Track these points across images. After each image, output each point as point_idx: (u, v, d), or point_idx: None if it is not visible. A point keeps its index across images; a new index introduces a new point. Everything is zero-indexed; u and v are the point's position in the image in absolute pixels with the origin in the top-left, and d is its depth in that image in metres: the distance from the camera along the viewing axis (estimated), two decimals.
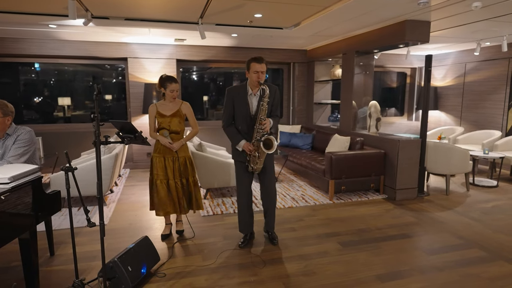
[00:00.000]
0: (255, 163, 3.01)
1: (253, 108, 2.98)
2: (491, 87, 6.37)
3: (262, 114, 2.88)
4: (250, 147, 2.97)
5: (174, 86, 3.15)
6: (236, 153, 3.11)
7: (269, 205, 3.22)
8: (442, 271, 2.78)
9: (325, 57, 6.37)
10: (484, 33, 5.14)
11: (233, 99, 3.00)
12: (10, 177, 2.12)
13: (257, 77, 2.86)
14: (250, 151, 2.97)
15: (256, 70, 2.85)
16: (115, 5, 3.74)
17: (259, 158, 2.98)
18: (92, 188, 4.08)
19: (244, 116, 2.99)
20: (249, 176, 3.14)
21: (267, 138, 2.90)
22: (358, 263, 2.90)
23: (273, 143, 2.88)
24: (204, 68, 7.15)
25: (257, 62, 2.85)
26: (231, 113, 3.05)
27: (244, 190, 3.16)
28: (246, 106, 2.97)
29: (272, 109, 3.06)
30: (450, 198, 4.69)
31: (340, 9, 3.76)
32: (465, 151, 4.80)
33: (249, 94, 2.98)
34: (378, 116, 5.22)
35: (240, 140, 3.01)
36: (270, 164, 3.13)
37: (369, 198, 4.65)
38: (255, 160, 3.00)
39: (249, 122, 2.98)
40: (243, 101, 2.97)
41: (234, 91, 3.01)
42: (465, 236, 3.46)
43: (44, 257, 2.96)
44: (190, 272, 2.74)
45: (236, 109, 3.01)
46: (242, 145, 3.00)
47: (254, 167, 3.03)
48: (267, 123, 2.89)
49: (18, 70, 6.15)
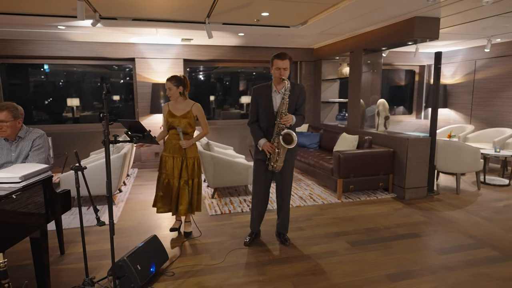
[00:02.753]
0: (275, 161, 2.96)
1: (276, 105, 2.96)
2: (502, 84, 6.26)
3: (283, 108, 2.85)
4: (270, 146, 2.94)
5: (167, 83, 3.20)
6: (257, 151, 3.10)
7: (282, 206, 3.22)
8: (453, 271, 2.74)
9: (332, 55, 6.33)
10: (495, 29, 5.06)
11: (257, 97, 3.01)
12: (21, 176, 2.14)
13: (279, 74, 2.85)
14: (270, 149, 2.94)
15: (278, 66, 2.84)
16: (123, 6, 3.76)
17: (279, 155, 2.93)
18: (101, 188, 4.12)
19: (267, 113, 2.97)
20: (267, 175, 3.11)
21: (287, 133, 2.84)
22: (368, 263, 2.87)
23: (293, 138, 2.82)
24: (211, 68, 7.17)
25: (279, 59, 2.84)
26: (255, 111, 3.05)
27: (261, 189, 3.14)
28: (270, 104, 2.96)
29: (297, 107, 3.03)
30: (461, 197, 4.62)
31: (348, 6, 3.72)
32: (475, 149, 4.73)
33: (273, 91, 2.97)
34: (386, 114, 5.17)
35: (260, 138, 3.00)
36: (289, 165, 3.09)
37: (377, 197, 4.61)
38: (275, 157, 2.95)
39: (271, 119, 2.96)
40: (267, 98, 2.97)
41: (258, 89, 3.02)
42: (476, 235, 3.41)
43: (54, 256, 2.99)
44: (198, 271, 2.75)
45: (260, 106, 3.01)
46: (262, 144, 2.98)
47: (274, 165, 2.98)
48: (289, 118, 2.85)
49: (28, 72, 6.23)
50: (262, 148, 2.98)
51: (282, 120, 2.84)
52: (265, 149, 2.96)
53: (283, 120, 2.84)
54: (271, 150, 2.93)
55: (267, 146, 2.94)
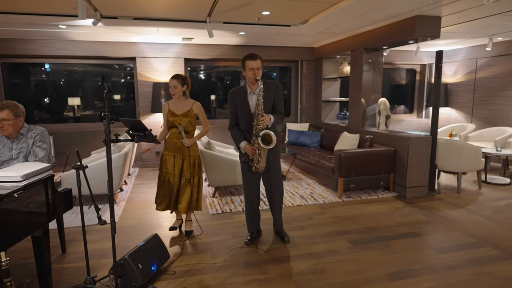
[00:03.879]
0: (257, 162, 2.99)
1: (253, 106, 2.98)
2: (503, 83, 6.25)
3: (258, 109, 2.86)
4: (250, 148, 2.96)
5: (172, 81, 3.21)
6: (241, 154, 3.12)
7: (274, 205, 3.23)
8: (454, 270, 2.74)
9: (333, 54, 6.32)
10: (496, 28, 5.04)
11: (234, 101, 3.03)
12: (22, 175, 2.15)
13: (253, 74, 2.86)
14: (251, 151, 2.96)
15: (251, 67, 2.86)
16: (124, 5, 3.76)
17: (260, 156, 2.96)
18: (102, 187, 4.12)
19: (245, 115, 2.99)
20: (254, 175, 3.13)
21: (265, 133, 2.86)
22: (368, 262, 2.88)
23: (272, 138, 2.84)
24: (212, 67, 7.16)
25: (251, 59, 2.86)
26: (234, 115, 3.08)
27: (251, 190, 3.16)
28: (246, 106, 2.98)
29: (275, 105, 3.04)
30: (462, 196, 4.62)
31: (349, 5, 3.72)
32: (477, 148, 4.72)
33: (249, 93, 2.99)
34: (387, 113, 5.17)
35: (241, 142, 3.03)
36: (274, 163, 3.10)
37: (378, 196, 4.61)
38: (257, 158, 2.98)
39: (249, 121, 2.98)
40: (243, 101, 2.98)
41: (235, 93, 3.04)
42: (477, 234, 3.41)
43: (56, 255, 3.00)
44: (199, 270, 2.75)
45: (238, 109, 3.03)
46: (243, 147, 3.01)
47: (257, 166, 3.01)
48: (266, 118, 2.86)
49: (29, 71, 6.24)
50: (243, 150, 3.01)
51: (259, 121, 2.85)
52: (247, 152, 2.98)
53: (260, 121, 2.85)
54: (252, 152, 2.95)
55: (248, 149, 2.97)
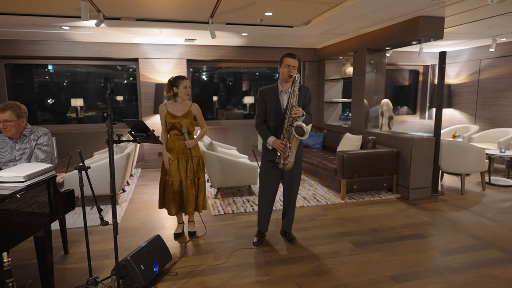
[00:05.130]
0: (286, 157, 2.94)
1: (284, 104, 2.98)
2: (507, 84, 6.21)
3: (293, 101, 2.85)
4: (280, 143, 2.93)
5: (186, 82, 3.21)
6: (266, 152, 3.10)
7: (289, 206, 3.23)
8: (459, 272, 2.71)
9: (335, 55, 6.31)
10: (500, 29, 5.01)
11: (264, 98, 3.05)
12: (25, 175, 2.15)
13: (288, 71, 2.90)
14: (280, 146, 2.93)
15: (288, 64, 2.90)
16: (127, 6, 3.77)
17: (290, 150, 2.91)
18: (104, 188, 4.12)
19: (275, 112, 2.99)
20: (276, 175, 3.12)
21: (298, 125, 2.81)
22: (372, 264, 2.86)
23: (304, 130, 2.78)
24: (214, 68, 7.17)
25: (290, 57, 2.92)
26: (262, 112, 3.08)
27: (270, 190, 3.15)
28: (278, 103, 2.98)
29: (304, 107, 3.03)
30: (466, 198, 4.59)
31: (352, 6, 3.71)
32: (480, 149, 4.69)
33: (280, 91, 3.00)
34: (390, 114, 5.15)
35: (269, 137, 3.01)
36: (298, 164, 3.11)
37: (381, 198, 4.59)
38: (286, 153, 2.94)
39: (280, 118, 2.97)
40: (274, 98, 3.00)
41: (265, 91, 3.06)
42: (481, 236, 3.38)
43: (58, 255, 3.00)
44: (202, 271, 2.74)
45: (268, 107, 3.03)
46: (271, 142, 2.98)
47: (286, 162, 2.97)
48: (299, 110, 2.84)
49: (32, 72, 6.27)
50: (272, 145, 2.98)
51: (293, 112, 2.84)
52: (275, 146, 2.95)
53: (293, 112, 2.83)
54: (281, 146, 2.93)
55: (277, 143, 2.94)
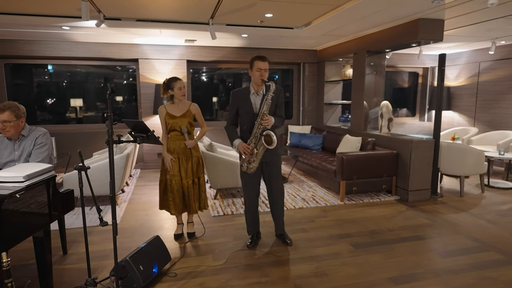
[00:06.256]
0: (249, 162, 2.97)
1: (257, 107, 2.98)
2: (506, 86, 6.23)
3: (265, 109, 2.87)
4: (245, 147, 2.94)
5: (180, 82, 3.22)
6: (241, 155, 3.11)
7: (275, 207, 3.22)
8: (457, 274, 2.72)
9: (335, 57, 6.32)
10: (500, 32, 5.03)
11: (237, 101, 3.05)
12: (25, 175, 2.15)
13: (260, 75, 2.89)
14: (245, 150, 2.95)
15: (259, 68, 2.89)
16: (127, 6, 3.77)
17: (256, 156, 2.94)
18: (104, 188, 4.11)
19: (248, 115, 3.00)
20: (253, 177, 3.11)
21: (267, 134, 2.86)
22: (371, 265, 2.86)
23: (272, 139, 2.84)
24: (214, 69, 7.17)
25: (260, 60, 2.89)
26: (232, 114, 3.10)
27: (250, 191, 3.15)
28: (250, 106, 2.99)
29: (276, 109, 3.05)
30: (465, 200, 4.59)
31: (352, 7, 3.72)
32: (479, 152, 4.70)
33: (252, 93, 3.00)
34: (390, 116, 5.16)
35: (235, 139, 3.03)
36: (276, 165, 3.10)
37: (381, 199, 4.59)
38: (249, 158, 2.96)
39: (253, 120, 2.98)
40: (246, 101, 3.00)
41: (238, 93, 3.07)
42: (480, 238, 3.38)
43: (57, 256, 2.99)
44: (201, 272, 2.74)
45: (240, 109, 3.04)
46: (237, 144, 3.01)
47: (249, 166, 2.99)
48: (269, 119, 2.86)
49: (32, 72, 6.26)
50: (237, 148, 3.00)
51: (263, 121, 2.85)
52: (240, 149, 2.97)
53: (264, 121, 2.85)
54: (246, 151, 2.94)
55: (242, 146, 2.95)
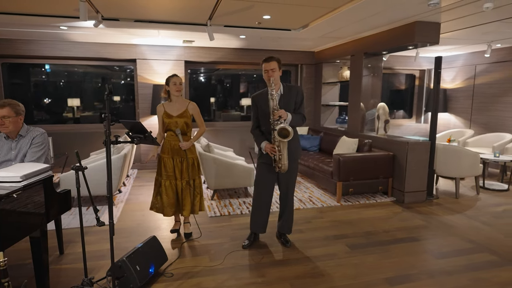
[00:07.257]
0: (279, 159, 2.96)
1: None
2: (502, 89, 6.28)
3: (273, 104, 2.86)
4: (270, 147, 2.95)
5: (176, 78, 3.22)
6: (260, 154, 3.13)
7: (287, 208, 3.23)
8: (452, 275, 2.74)
9: (333, 58, 6.35)
10: (495, 35, 5.08)
11: (256, 103, 3.08)
12: (22, 175, 2.15)
13: (267, 76, 2.91)
14: (272, 149, 2.95)
15: (265, 69, 2.93)
16: (126, 7, 3.78)
17: (281, 153, 2.93)
18: (101, 188, 4.12)
19: (266, 116, 3.00)
20: (271, 177, 3.13)
21: (281, 127, 2.81)
22: (367, 266, 2.88)
23: (288, 131, 2.79)
24: (212, 70, 7.18)
25: (264, 61, 2.94)
26: (256, 117, 3.12)
27: (265, 192, 3.16)
28: (267, 107, 2.99)
29: (296, 107, 3.06)
30: (460, 202, 4.63)
31: (349, 10, 3.74)
32: (475, 154, 4.74)
33: (269, 94, 2.99)
34: (386, 118, 5.19)
35: (262, 141, 3.04)
36: (294, 167, 3.12)
37: (377, 201, 4.62)
38: (278, 156, 2.95)
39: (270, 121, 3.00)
40: (265, 102, 3.01)
41: (257, 96, 3.09)
42: (475, 240, 3.42)
43: (53, 256, 2.99)
44: (197, 273, 2.75)
45: (260, 112, 3.07)
46: (263, 147, 3.02)
47: (280, 165, 2.98)
48: (281, 111, 2.84)
49: (29, 72, 6.25)
50: (264, 150, 3.01)
51: (274, 115, 2.86)
52: (267, 151, 2.98)
53: (274, 116, 2.86)
54: (272, 150, 2.95)
55: (268, 148, 2.97)
